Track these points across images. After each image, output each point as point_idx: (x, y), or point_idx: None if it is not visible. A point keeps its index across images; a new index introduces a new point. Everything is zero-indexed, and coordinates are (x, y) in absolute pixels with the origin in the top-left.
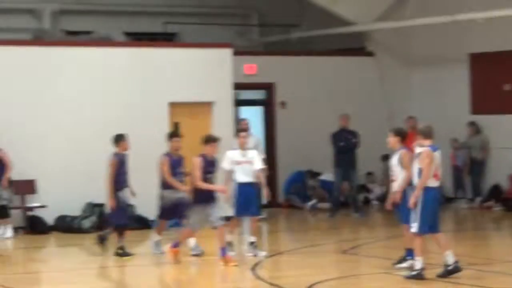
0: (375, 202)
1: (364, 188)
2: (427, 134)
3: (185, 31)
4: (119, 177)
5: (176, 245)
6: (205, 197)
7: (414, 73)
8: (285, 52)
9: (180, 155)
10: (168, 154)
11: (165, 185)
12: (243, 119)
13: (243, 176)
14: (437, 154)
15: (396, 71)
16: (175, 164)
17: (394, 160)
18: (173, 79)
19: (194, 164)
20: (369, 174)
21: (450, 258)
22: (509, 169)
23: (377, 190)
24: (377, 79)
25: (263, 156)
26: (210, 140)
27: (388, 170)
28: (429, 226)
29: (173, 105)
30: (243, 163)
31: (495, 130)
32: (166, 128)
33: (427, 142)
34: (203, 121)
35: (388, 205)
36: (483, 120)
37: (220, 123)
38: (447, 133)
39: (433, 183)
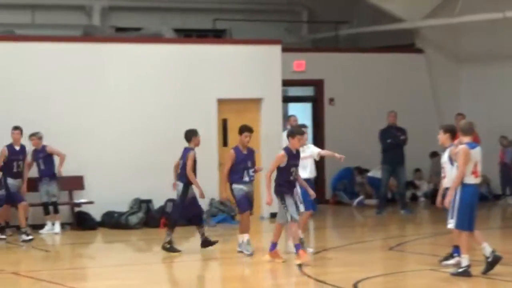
0: (422, 199)
1: (411, 185)
2: (466, 131)
3: (235, 28)
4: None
5: (273, 247)
6: (290, 186)
7: (464, 70)
8: (333, 49)
9: (252, 148)
10: (236, 148)
11: (234, 179)
12: (291, 116)
13: (302, 172)
14: (476, 151)
15: (446, 68)
16: (244, 158)
17: (444, 157)
18: (222, 76)
19: (276, 157)
20: (417, 170)
21: (487, 250)
22: None
23: (424, 187)
24: (426, 76)
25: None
26: (295, 132)
27: (436, 167)
28: (467, 223)
29: (222, 102)
30: (302, 158)
31: None
32: (215, 125)
33: (466, 139)
34: (251, 118)
35: (439, 202)
36: None
37: (269, 119)
38: (497, 131)
39: (472, 180)
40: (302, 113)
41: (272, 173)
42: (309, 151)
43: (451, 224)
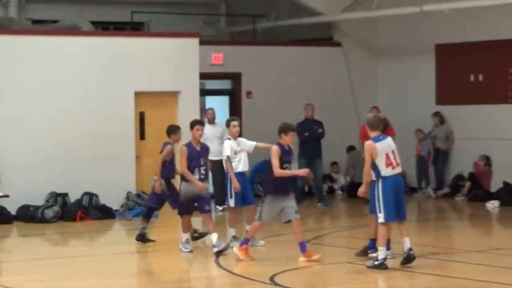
0: (339, 192)
1: (328, 178)
2: (372, 125)
3: (153, 21)
4: (170, 166)
5: (245, 242)
6: (281, 188)
7: (381, 64)
8: (251, 42)
9: (205, 144)
10: (188, 144)
11: (184, 178)
12: (209, 109)
13: (241, 166)
14: (384, 143)
15: (363, 62)
16: (197, 155)
17: None
18: (139, 69)
19: (272, 152)
20: (334, 164)
21: (406, 245)
22: (472, 159)
23: (341, 180)
24: (343, 70)
25: None
26: (288, 129)
27: (352, 161)
28: (395, 214)
29: (139, 94)
30: (239, 152)
31: (459, 120)
32: (132, 118)
33: (373, 133)
34: (169, 111)
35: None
36: (448, 110)
37: (186, 112)
38: (413, 124)
39: (388, 172)
40: (219, 106)
41: (278, 168)
42: (246, 145)
43: (380, 218)
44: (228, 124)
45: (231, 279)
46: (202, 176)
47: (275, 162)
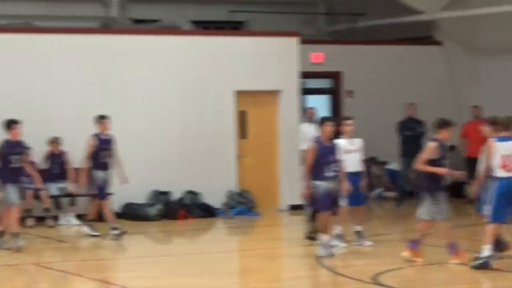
0: None
1: None
2: (503, 125)
3: (252, 20)
4: None
5: (415, 245)
6: (437, 185)
7: (482, 62)
8: (352, 41)
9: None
10: (318, 140)
11: (316, 175)
12: (310, 108)
13: (352, 165)
14: (505, 145)
15: (464, 60)
16: (324, 151)
17: None
18: (240, 68)
19: (427, 148)
20: None
21: (485, 252)
22: None
23: None
24: (444, 68)
25: None
26: (445, 124)
27: (452, 160)
28: (499, 215)
29: (239, 94)
30: (352, 151)
31: None
32: (232, 117)
33: (501, 133)
34: (269, 110)
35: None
36: None
37: (287, 111)
38: None
39: (502, 174)
40: (320, 105)
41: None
42: (356, 145)
43: (488, 218)
44: (341, 123)
45: (332, 278)
46: (334, 173)
47: (424, 157)
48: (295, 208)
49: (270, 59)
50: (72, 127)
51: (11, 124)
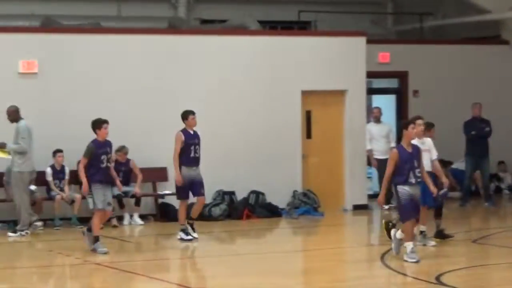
0: (506, 192)
1: (495, 177)
2: None
3: (320, 20)
4: None
5: None
6: None
7: None
8: (418, 40)
9: (417, 146)
10: (399, 147)
11: (400, 180)
12: (375, 107)
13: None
14: None
15: None
16: (409, 157)
17: None
18: (306, 67)
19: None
20: (501, 163)
21: None
22: None
23: (508, 179)
24: (511, 68)
25: (393, 144)
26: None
27: None
28: None
29: (306, 93)
30: (423, 151)
31: None
32: (299, 117)
33: None
34: (335, 110)
35: None
36: None
37: (353, 111)
38: None
39: None
40: (386, 105)
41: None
42: (427, 145)
43: None
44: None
45: (397, 278)
46: (418, 180)
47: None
48: (359, 208)
49: (337, 59)
50: (142, 128)
51: (99, 123)
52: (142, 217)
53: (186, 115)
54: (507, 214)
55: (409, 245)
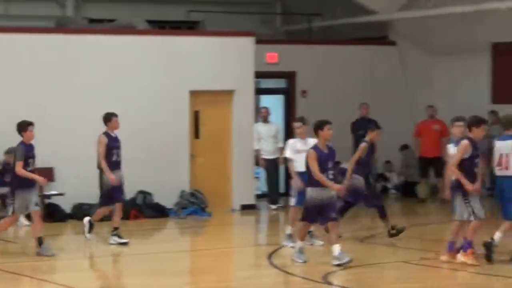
0: (393, 191)
1: (382, 177)
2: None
3: (209, 20)
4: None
5: (468, 247)
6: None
7: (436, 62)
8: (306, 41)
9: (331, 147)
10: (316, 147)
11: (313, 183)
12: (263, 107)
13: (300, 165)
14: (507, 144)
15: (418, 60)
16: (325, 158)
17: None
18: (195, 67)
19: (461, 147)
20: (388, 162)
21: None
22: None
23: (395, 179)
24: (398, 69)
25: (281, 145)
26: (479, 122)
27: (406, 160)
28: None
29: (194, 93)
30: (304, 151)
31: None
32: (186, 117)
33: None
34: (223, 110)
35: (447, 195)
36: (504, 109)
37: (241, 111)
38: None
39: (498, 172)
40: (274, 105)
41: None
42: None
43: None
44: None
45: (283, 278)
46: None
47: (459, 156)
48: (247, 208)
49: (225, 59)
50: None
51: (25, 125)
52: (28, 217)
53: (109, 117)
54: (393, 214)
55: (298, 245)
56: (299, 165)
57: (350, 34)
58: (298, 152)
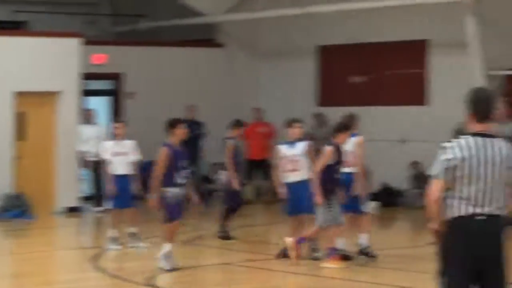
0: (219, 193)
1: (208, 179)
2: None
3: (36, 20)
4: None
5: (301, 241)
6: (331, 190)
7: (263, 65)
8: (135, 42)
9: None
10: (169, 145)
11: (166, 181)
12: (88, 109)
13: (121, 168)
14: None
15: (245, 63)
16: (179, 156)
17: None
18: (20, 68)
19: (325, 153)
20: (215, 165)
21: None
22: None
23: (222, 181)
24: (226, 71)
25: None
26: (344, 127)
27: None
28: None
29: (19, 95)
30: (121, 154)
31: None
32: (10, 118)
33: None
34: (49, 111)
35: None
36: (329, 112)
37: (66, 113)
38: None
39: None
40: (101, 106)
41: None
42: (127, 147)
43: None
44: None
45: (105, 281)
46: (184, 180)
47: (323, 162)
48: (72, 210)
49: (51, 60)
50: None
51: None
52: None
53: None
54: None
55: (166, 247)
56: (116, 168)
57: (179, 35)
58: (117, 155)
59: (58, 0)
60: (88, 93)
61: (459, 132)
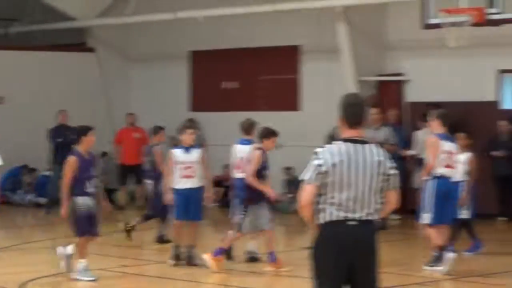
0: None
1: None
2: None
3: None
4: None
5: (219, 253)
6: (257, 196)
7: (135, 70)
8: (4, 46)
9: (92, 153)
10: (77, 153)
11: (77, 190)
12: None
13: None
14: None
15: (117, 67)
16: (87, 165)
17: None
18: None
19: (254, 157)
20: None
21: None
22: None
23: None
24: (97, 75)
25: None
26: (270, 133)
27: (106, 167)
28: None
29: None
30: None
31: (213, 127)
32: None
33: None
34: None
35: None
36: (202, 117)
37: None
38: (167, 131)
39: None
40: None
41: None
42: None
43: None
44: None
45: None
46: (95, 190)
47: (253, 168)
48: None
49: None
50: None
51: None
52: None
53: None
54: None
55: (82, 263)
56: None
57: (51, 40)
58: None
59: None
60: None
61: (332, 138)
